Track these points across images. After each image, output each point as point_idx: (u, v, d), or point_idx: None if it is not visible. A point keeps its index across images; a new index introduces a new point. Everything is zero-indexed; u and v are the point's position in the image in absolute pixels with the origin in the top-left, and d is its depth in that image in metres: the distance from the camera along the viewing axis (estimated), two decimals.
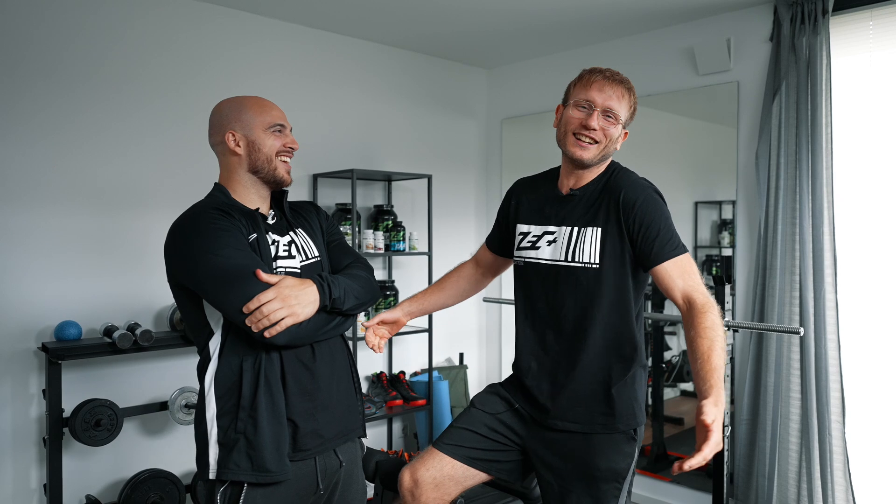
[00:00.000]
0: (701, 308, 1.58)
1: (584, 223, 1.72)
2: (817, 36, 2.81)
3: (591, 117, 1.69)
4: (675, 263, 1.65)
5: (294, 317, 1.43)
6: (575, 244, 1.72)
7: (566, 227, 1.75)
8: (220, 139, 1.60)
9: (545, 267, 1.77)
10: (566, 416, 1.73)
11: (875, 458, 2.83)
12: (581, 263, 1.70)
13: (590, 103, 1.69)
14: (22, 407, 2.62)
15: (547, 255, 1.77)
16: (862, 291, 2.87)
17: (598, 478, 1.69)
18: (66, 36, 2.70)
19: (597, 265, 1.69)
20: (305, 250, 1.64)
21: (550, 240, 1.77)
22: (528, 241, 1.82)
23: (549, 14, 3.29)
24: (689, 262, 1.67)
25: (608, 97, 1.69)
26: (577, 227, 1.73)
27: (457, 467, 1.79)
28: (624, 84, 1.73)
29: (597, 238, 1.70)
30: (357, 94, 3.67)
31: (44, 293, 2.65)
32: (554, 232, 1.77)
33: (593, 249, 1.69)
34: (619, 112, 1.70)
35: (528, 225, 1.85)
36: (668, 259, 1.65)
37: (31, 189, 2.63)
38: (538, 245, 1.80)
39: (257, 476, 1.46)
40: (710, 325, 1.55)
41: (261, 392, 1.47)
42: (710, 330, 1.54)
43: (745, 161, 3.17)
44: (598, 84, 1.70)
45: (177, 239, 1.51)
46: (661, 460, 3.56)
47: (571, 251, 1.72)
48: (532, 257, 1.80)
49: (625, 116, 1.73)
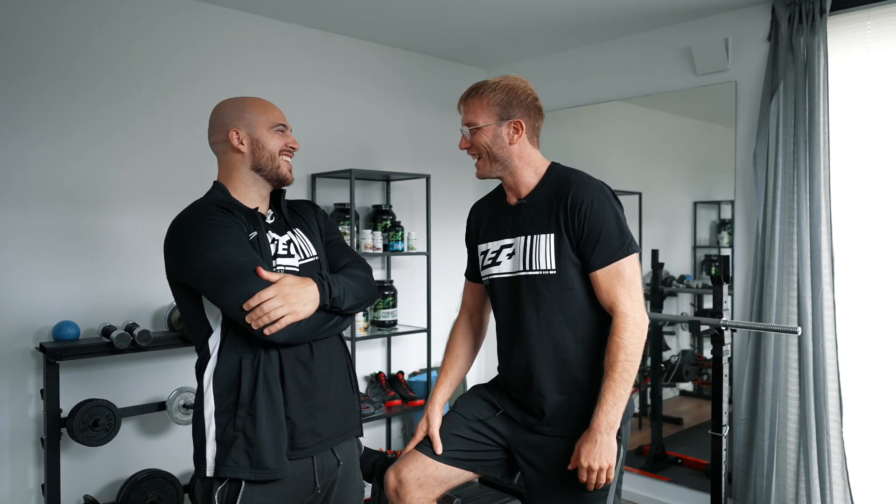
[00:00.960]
0: (616, 324, 1.65)
1: (537, 230, 1.73)
2: (815, 36, 2.81)
3: (462, 141, 1.78)
4: (605, 273, 1.67)
5: (294, 315, 1.43)
6: (531, 252, 1.73)
7: (521, 236, 1.76)
8: (222, 138, 1.61)
9: (508, 280, 1.78)
10: (552, 422, 1.75)
11: (873, 457, 2.84)
12: (539, 271, 1.71)
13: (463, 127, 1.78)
14: (20, 407, 2.62)
15: (508, 269, 1.78)
16: (859, 291, 2.87)
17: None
18: (69, 41, 2.70)
19: (554, 271, 1.70)
20: (303, 249, 1.65)
21: (510, 252, 1.78)
22: (489, 258, 1.84)
23: (548, 14, 3.29)
24: (624, 267, 1.66)
25: (464, 115, 1.78)
26: (530, 234, 1.74)
27: (440, 467, 1.81)
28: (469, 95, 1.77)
29: (550, 243, 1.70)
30: (355, 93, 3.67)
31: (42, 293, 2.65)
32: (511, 244, 1.78)
33: (549, 255, 1.70)
34: (476, 120, 1.74)
35: (486, 243, 1.86)
36: (602, 266, 1.67)
37: (30, 189, 2.63)
38: (499, 260, 1.81)
39: (256, 473, 1.46)
40: (616, 345, 1.63)
41: (260, 390, 1.47)
42: (616, 351, 1.63)
43: (743, 161, 3.17)
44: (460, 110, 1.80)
45: (176, 236, 1.51)
46: (660, 460, 3.57)
47: (528, 260, 1.73)
48: (496, 273, 1.81)
49: (488, 117, 1.73)
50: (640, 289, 1.69)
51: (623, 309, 1.65)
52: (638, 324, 1.65)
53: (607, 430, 1.61)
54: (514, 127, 1.74)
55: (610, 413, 1.61)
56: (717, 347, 2.60)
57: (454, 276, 4.17)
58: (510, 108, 1.73)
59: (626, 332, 1.63)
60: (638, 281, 1.69)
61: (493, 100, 1.73)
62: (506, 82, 1.75)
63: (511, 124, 1.74)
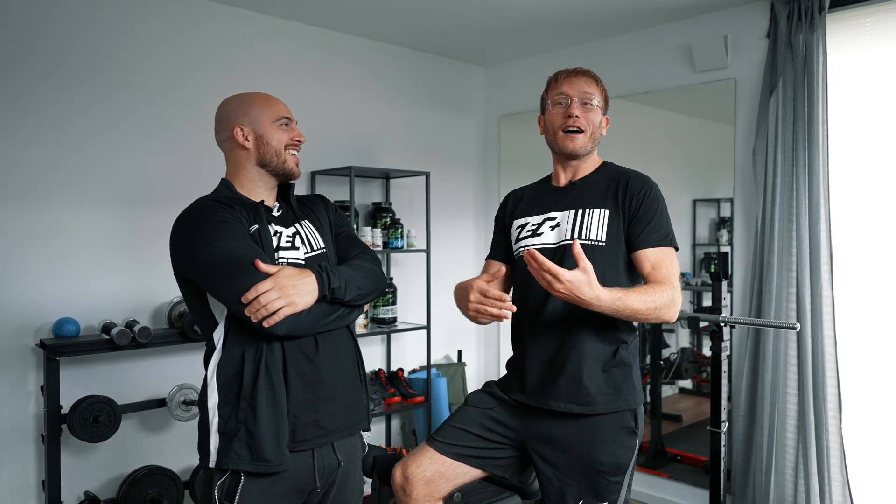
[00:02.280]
0: (660, 284, 1.66)
1: (591, 205, 1.78)
2: (814, 33, 2.82)
3: (571, 107, 1.79)
4: (655, 252, 1.71)
5: (292, 306, 1.43)
6: (581, 224, 1.76)
7: (570, 210, 1.79)
8: (227, 135, 1.62)
9: (549, 250, 1.78)
10: (567, 397, 1.71)
11: (872, 453, 2.84)
12: (588, 241, 1.73)
13: (565, 97, 1.81)
14: (20, 404, 2.62)
15: (552, 239, 1.79)
16: (858, 287, 2.88)
17: (601, 471, 1.69)
18: (69, 34, 2.70)
19: (603, 243, 1.73)
20: (311, 242, 1.65)
21: (553, 224, 1.80)
22: (528, 230, 1.85)
23: (547, 11, 3.29)
24: (671, 255, 1.72)
25: (579, 86, 1.80)
26: (582, 208, 1.78)
27: (448, 464, 1.80)
28: (589, 73, 1.84)
29: (604, 218, 1.75)
30: (355, 91, 3.67)
31: (42, 290, 2.65)
32: (556, 217, 1.81)
33: (600, 229, 1.74)
34: (595, 96, 1.81)
35: (526, 217, 1.88)
36: (652, 247, 1.71)
37: (30, 186, 2.63)
38: (540, 231, 1.82)
39: (256, 466, 1.47)
40: (652, 291, 1.63)
41: (261, 382, 1.48)
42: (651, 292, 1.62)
43: (742, 158, 3.18)
44: (566, 80, 1.83)
45: (179, 232, 1.53)
46: (660, 457, 3.57)
47: (578, 230, 1.75)
48: (535, 244, 1.81)
49: (601, 102, 1.83)
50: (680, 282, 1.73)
51: (673, 282, 1.67)
52: (677, 300, 1.66)
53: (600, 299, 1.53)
54: (605, 121, 1.88)
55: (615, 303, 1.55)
56: (717, 344, 2.61)
57: (454, 274, 4.17)
58: (607, 105, 1.89)
59: (669, 292, 1.64)
60: (679, 274, 1.73)
61: (604, 91, 1.86)
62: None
63: (605, 118, 1.88)
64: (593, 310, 1.56)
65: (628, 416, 1.73)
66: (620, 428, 1.71)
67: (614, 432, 1.71)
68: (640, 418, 1.77)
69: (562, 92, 1.80)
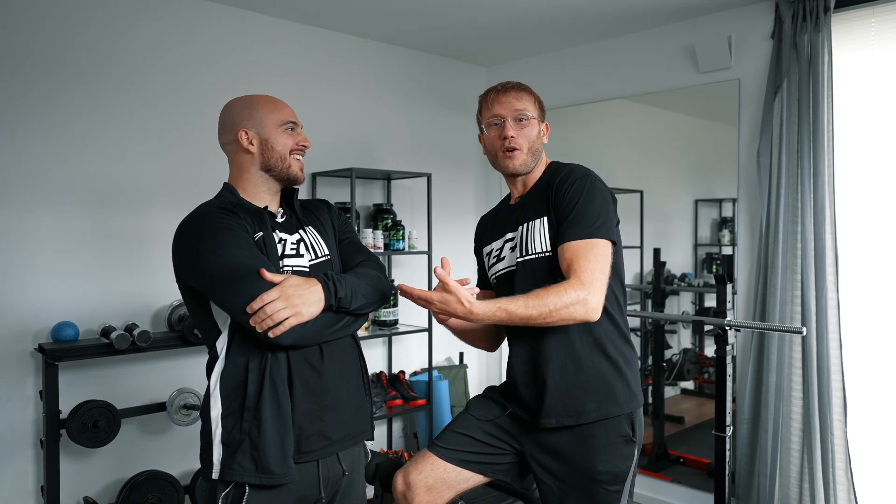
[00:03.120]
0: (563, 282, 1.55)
1: (532, 217, 1.76)
2: (819, 33, 2.80)
3: (505, 127, 1.76)
4: (571, 246, 1.61)
5: (298, 316, 1.41)
6: (526, 239, 1.75)
7: (521, 226, 1.78)
8: (231, 138, 1.59)
9: (511, 271, 1.78)
10: (557, 412, 1.69)
11: (877, 457, 2.83)
12: (535, 254, 1.72)
13: (498, 117, 1.78)
14: (19, 408, 2.60)
15: (511, 261, 1.79)
16: (864, 290, 2.86)
17: (599, 481, 1.67)
18: (69, 35, 2.68)
19: (549, 253, 1.70)
20: (315, 248, 1.62)
21: (512, 245, 1.80)
22: (494, 255, 1.86)
23: (549, 11, 3.27)
24: (590, 247, 1.59)
25: (510, 103, 1.78)
26: (526, 222, 1.76)
27: (450, 471, 1.78)
28: (517, 86, 1.81)
29: (544, 226, 1.72)
30: (355, 92, 3.65)
31: (40, 294, 2.62)
32: (513, 236, 1.80)
33: (542, 238, 1.72)
34: (527, 110, 1.78)
35: (491, 244, 1.88)
36: (571, 240, 1.61)
37: (29, 189, 2.60)
38: (502, 255, 1.82)
39: (261, 478, 1.44)
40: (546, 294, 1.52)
41: (265, 393, 1.45)
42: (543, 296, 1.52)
43: (747, 159, 3.16)
44: (495, 99, 1.80)
45: (182, 239, 1.50)
46: (662, 459, 3.56)
47: (525, 246, 1.75)
48: (501, 269, 1.82)
49: (535, 112, 1.80)
50: (605, 278, 1.59)
51: (582, 278, 1.53)
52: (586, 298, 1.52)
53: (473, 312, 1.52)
54: (543, 130, 1.85)
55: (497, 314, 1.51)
56: (721, 347, 2.59)
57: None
58: (543, 112, 1.86)
59: (572, 291, 1.51)
60: (605, 268, 1.59)
61: (536, 99, 1.84)
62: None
63: (543, 125, 1.85)
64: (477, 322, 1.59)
65: (624, 423, 1.69)
66: (617, 437, 1.69)
67: (610, 441, 1.68)
68: (637, 423, 1.73)
69: (494, 113, 1.79)
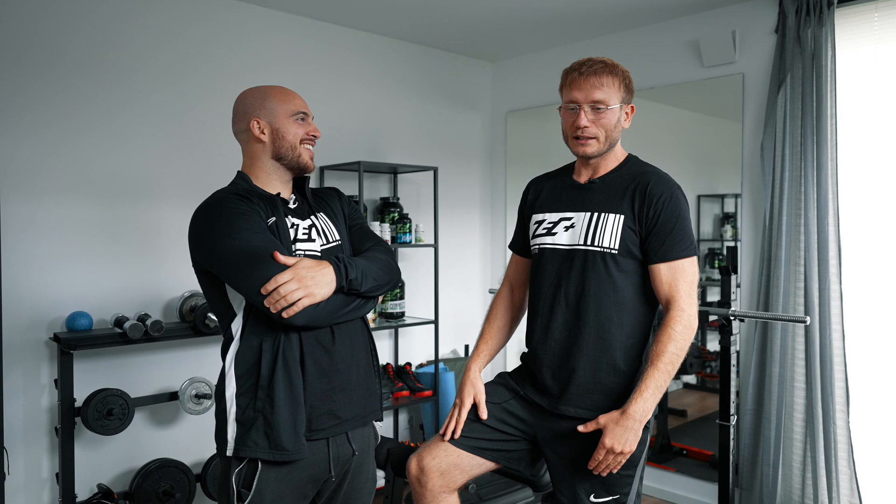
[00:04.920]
0: (671, 316, 1.66)
1: (606, 209, 1.74)
2: (822, 28, 2.82)
3: (580, 117, 1.71)
4: (671, 267, 1.69)
5: (311, 297, 1.45)
6: (595, 229, 1.73)
7: (586, 212, 1.76)
8: (244, 127, 1.63)
9: (562, 251, 1.78)
10: (576, 402, 1.73)
11: (879, 447, 2.86)
12: (601, 248, 1.72)
13: (575, 103, 1.73)
14: (33, 397, 2.64)
15: (565, 241, 1.78)
16: (866, 282, 2.89)
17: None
18: (71, 26, 2.71)
19: (616, 250, 1.71)
20: (326, 234, 1.67)
21: (568, 225, 1.78)
22: (544, 227, 1.83)
23: (554, 6, 3.30)
24: (688, 267, 1.69)
25: (588, 92, 1.71)
26: (597, 212, 1.74)
27: (462, 456, 1.81)
28: (603, 70, 1.72)
29: (618, 224, 1.71)
30: (362, 86, 3.68)
31: (54, 284, 2.67)
32: (571, 217, 1.78)
33: (614, 235, 1.71)
34: (607, 99, 1.71)
35: (543, 213, 1.86)
36: (669, 261, 1.68)
37: (42, 180, 2.64)
38: (555, 231, 1.80)
39: (274, 454, 1.49)
40: (668, 336, 1.64)
41: (278, 372, 1.50)
42: (666, 341, 1.64)
43: (750, 153, 3.19)
44: (575, 83, 1.73)
45: (198, 225, 1.55)
46: (666, 451, 3.59)
47: (591, 235, 1.73)
48: (549, 243, 1.81)
49: (616, 98, 1.72)
50: (696, 291, 1.71)
51: (682, 304, 1.66)
52: (691, 322, 1.66)
53: (641, 418, 1.61)
54: (627, 113, 1.78)
55: (648, 401, 1.61)
56: (725, 338, 2.62)
57: (461, 269, 4.19)
58: (630, 94, 1.76)
59: (679, 325, 1.64)
60: (696, 283, 1.71)
61: (622, 80, 1.74)
62: (621, 66, 1.76)
63: (626, 108, 1.78)
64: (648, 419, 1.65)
65: None
66: None
67: None
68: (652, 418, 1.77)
69: (571, 99, 1.73)
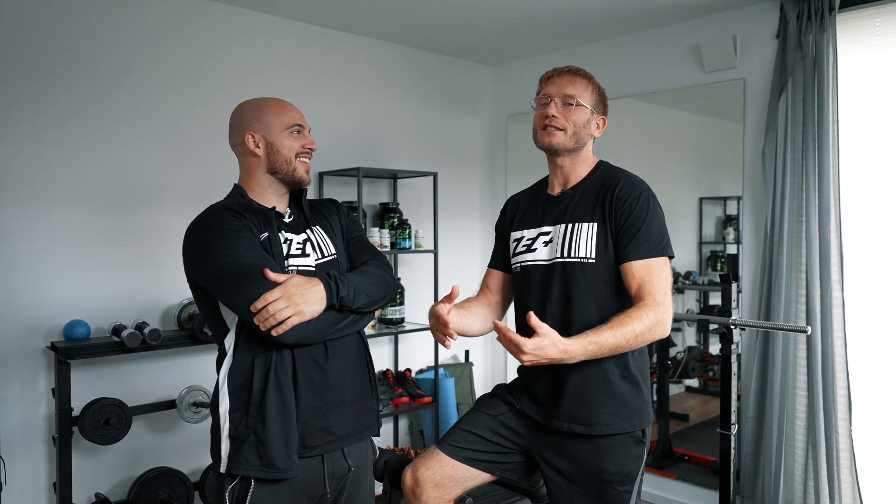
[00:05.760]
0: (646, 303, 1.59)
1: (579, 219, 1.73)
2: (824, 33, 2.80)
3: (549, 107, 1.75)
4: (641, 265, 1.65)
5: (300, 315, 1.44)
6: (570, 240, 1.73)
7: (561, 224, 1.76)
8: (239, 140, 1.62)
9: (543, 267, 1.77)
10: (570, 416, 1.72)
11: (882, 456, 2.84)
12: (577, 259, 1.71)
13: (546, 97, 1.77)
14: (31, 405, 2.63)
15: (544, 255, 1.77)
16: (868, 289, 2.87)
17: (609, 482, 1.68)
18: (69, 33, 2.70)
19: (592, 259, 1.70)
20: (322, 248, 1.65)
21: (546, 240, 1.78)
22: (524, 244, 1.83)
23: (554, 11, 3.28)
24: (660, 266, 1.66)
25: (561, 86, 1.76)
26: (571, 223, 1.74)
27: (458, 468, 1.80)
28: (578, 73, 1.79)
29: (592, 233, 1.71)
30: (362, 91, 3.67)
31: (52, 292, 2.66)
32: (549, 231, 1.78)
33: (588, 244, 1.70)
34: (579, 96, 1.75)
35: (521, 230, 1.86)
36: (639, 259, 1.65)
37: (39, 188, 2.64)
38: (534, 247, 1.80)
39: (265, 472, 1.48)
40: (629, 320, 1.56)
41: (270, 389, 1.49)
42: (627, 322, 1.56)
43: (752, 158, 3.17)
44: (550, 80, 1.79)
45: (190, 240, 1.54)
46: (667, 457, 3.58)
47: (567, 247, 1.72)
48: (530, 260, 1.80)
49: (590, 101, 1.77)
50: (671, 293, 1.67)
51: (657, 297, 1.61)
52: (664, 318, 1.60)
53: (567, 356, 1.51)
54: (598, 123, 1.82)
55: (582, 349, 1.52)
56: (726, 346, 2.60)
57: (461, 274, 4.17)
58: (602, 105, 1.82)
59: (653, 314, 1.58)
60: (670, 283, 1.67)
61: (596, 89, 1.80)
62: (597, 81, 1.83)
63: (598, 119, 1.82)
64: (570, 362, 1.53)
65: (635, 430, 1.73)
66: (628, 438, 1.71)
67: (621, 443, 1.70)
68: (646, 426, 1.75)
69: (544, 93, 1.78)
